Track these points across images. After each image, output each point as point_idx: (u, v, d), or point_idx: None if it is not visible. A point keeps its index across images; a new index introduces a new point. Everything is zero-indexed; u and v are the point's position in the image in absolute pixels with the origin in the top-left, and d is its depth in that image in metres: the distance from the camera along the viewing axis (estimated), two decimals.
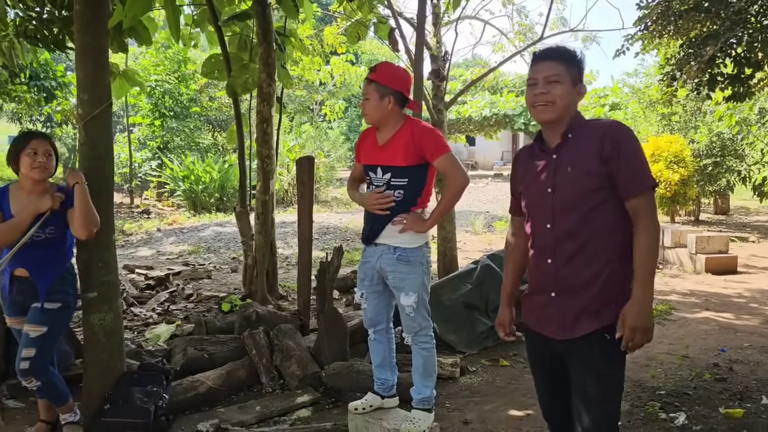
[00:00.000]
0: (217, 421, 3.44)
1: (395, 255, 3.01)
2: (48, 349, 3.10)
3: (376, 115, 3.01)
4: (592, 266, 2.04)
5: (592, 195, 2.03)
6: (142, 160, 17.84)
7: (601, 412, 2.06)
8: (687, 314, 5.99)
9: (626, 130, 2.06)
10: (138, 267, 7.98)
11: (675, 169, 11.62)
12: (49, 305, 3.06)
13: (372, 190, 3.08)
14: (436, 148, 2.95)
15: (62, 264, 3.15)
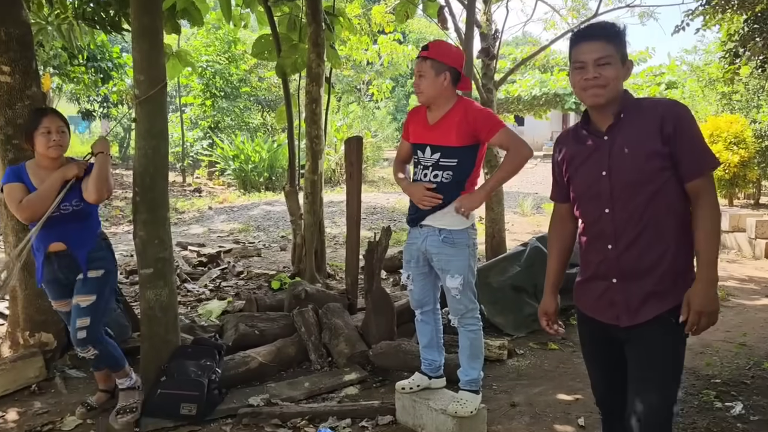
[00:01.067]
0: (267, 396, 3.52)
1: (440, 237, 2.99)
2: (101, 316, 3.19)
3: (431, 93, 2.96)
4: (655, 249, 1.98)
5: (653, 176, 1.96)
6: (194, 140, 18.21)
7: (660, 398, 2.00)
8: (745, 301, 5.79)
9: (686, 109, 1.99)
10: (190, 244, 8.18)
11: (735, 151, 11.17)
12: (92, 274, 3.15)
13: (420, 171, 3.04)
14: (492, 126, 2.91)
15: (95, 232, 3.22)
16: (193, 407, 3.25)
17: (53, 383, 3.77)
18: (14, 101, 3.73)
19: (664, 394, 2.01)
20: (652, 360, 2.01)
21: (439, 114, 2.99)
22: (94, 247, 3.18)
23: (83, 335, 3.11)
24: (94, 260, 3.17)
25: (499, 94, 20.17)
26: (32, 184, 3.07)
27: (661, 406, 2.00)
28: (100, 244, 3.23)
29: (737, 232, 8.33)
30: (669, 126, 1.92)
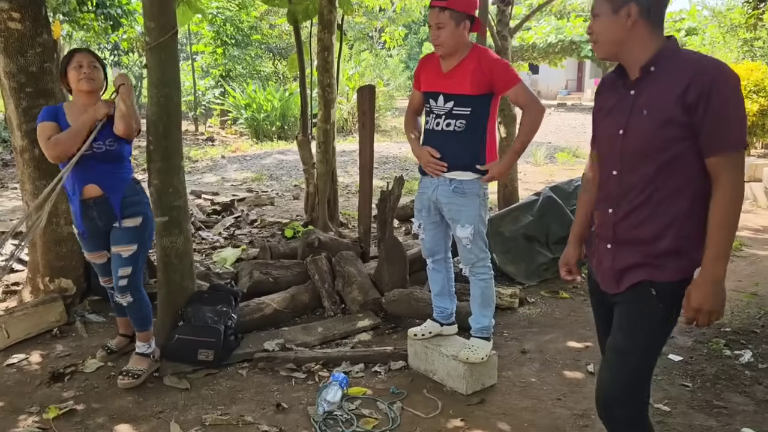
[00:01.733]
0: (282, 341, 3.60)
1: (451, 187, 2.99)
2: (141, 263, 3.24)
3: (452, 44, 2.89)
4: (654, 223, 1.82)
5: (667, 145, 1.77)
6: (206, 88, 18.07)
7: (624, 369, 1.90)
8: (758, 251, 5.77)
9: (724, 75, 1.70)
10: (204, 193, 8.23)
11: (754, 99, 10.95)
12: (130, 222, 3.16)
13: (432, 120, 3.03)
14: (509, 79, 2.88)
15: (128, 175, 3.22)
16: (210, 353, 3.34)
17: (74, 327, 3.88)
18: (25, 49, 3.71)
19: (629, 365, 1.89)
20: (623, 327, 1.91)
21: (454, 62, 2.94)
22: (128, 193, 3.17)
23: (124, 283, 3.19)
24: (130, 206, 3.17)
25: (513, 41, 19.78)
26: (67, 123, 3.08)
27: (623, 376, 1.89)
28: (134, 188, 3.22)
29: (753, 181, 8.24)
30: (693, 93, 1.70)
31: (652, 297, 1.82)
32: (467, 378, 3.08)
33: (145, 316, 3.31)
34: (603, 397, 1.93)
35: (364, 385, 3.20)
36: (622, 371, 1.89)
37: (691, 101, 1.70)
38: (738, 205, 1.75)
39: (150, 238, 3.31)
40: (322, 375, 3.29)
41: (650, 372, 1.92)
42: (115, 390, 3.15)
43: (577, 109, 23.12)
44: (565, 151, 12.50)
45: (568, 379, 3.28)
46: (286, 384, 3.23)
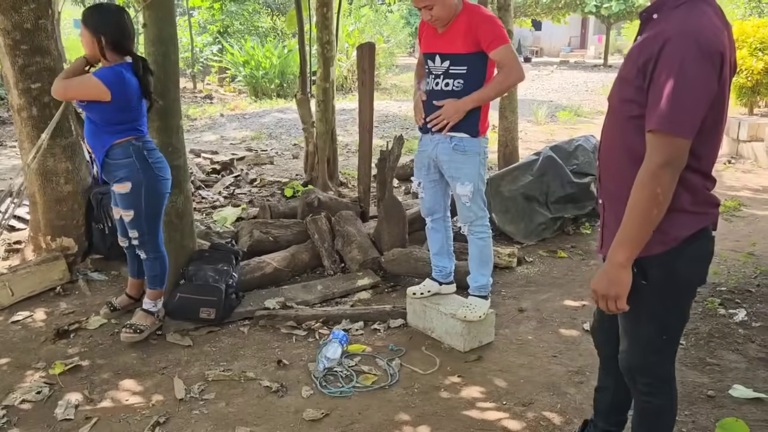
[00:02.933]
0: (282, 299, 3.64)
1: (451, 144, 3.00)
2: (149, 227, 3.20)
3: (446, 14, 2.88)
4: (622, 188, 1.72)
5: (623, 105, 1.70)
6: (203, 45, 17.80)
7: (628, 347, 1.87)
8: (757, 211, 5.79)
9: (681, 40, 1.54)
10: (203, 151, 8.20)
11: (759, 57, 10.80)
12: (118, 188, 3.11)
13: (432, 81, 3.03)
14: (494, 38, 2.85)
15: (107, 138, 3.05)
16: (212, 311, 3.38)
17: (77, 285, 3.92)
18: (19, 4, 3.64)
19: (638, 339, 1.85)
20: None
21: (449, 18, 2.93)
22: (112, 156, 3.07)
23: (136, 243, 3.23)
24: (115, 170, 3.09)
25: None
26: None
27: (637, 349, 1.86)
28: (120, 152, 3.06)
29: (755, 141, 8.20)
30: (646, 55, 1.60)
31: (634, 274, 1.72)
32: (465, 336, 3.13)
33: (158, 275, 3.33)
34: (624, 366, 1.92)
35: (363, 342, 3.26)
36: (634, 344, 1.87)
37: (641, 62, 1.62)
38: (655, 193, 1.60)
39: (153, 203, 3.18)
40: (322, 332, 3.34)
41: (666, 342, 1.84)
42: (119, 346, 3.20)
43: (579, 67, 22.84)
44: (566, 110, 12.40)
45: (564, 337, 3.34)
46: (287, 341, 3.29)
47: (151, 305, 3.34)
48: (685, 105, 1.55)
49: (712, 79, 1.56)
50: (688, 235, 1.70)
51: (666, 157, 1.58)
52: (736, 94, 11.48)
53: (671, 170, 1.59)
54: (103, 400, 2.76)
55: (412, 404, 2.72)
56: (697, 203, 1.71)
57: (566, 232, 5.06)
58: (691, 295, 1.83)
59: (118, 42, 3.00)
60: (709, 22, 1.59)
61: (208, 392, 2.81)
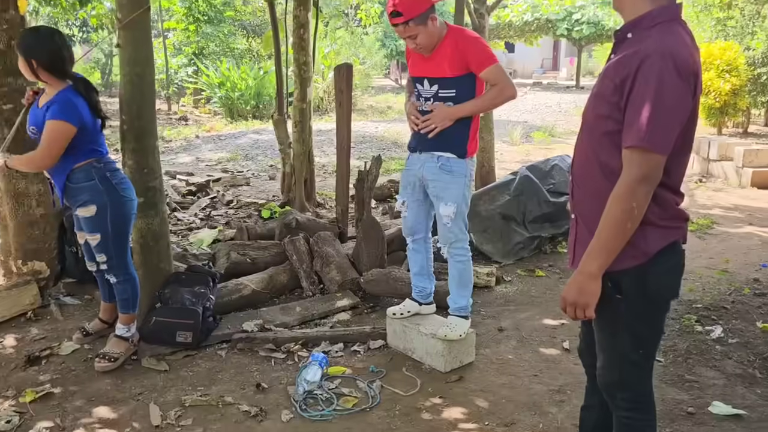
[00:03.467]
0: (261, 322, 3.59)
1: (438, 164, 3.01)
2: (117, 250, 3.13)
3: (430, 41, 2.89)
4: (593, 202, 1.76)
5: (599, 122, 1.73)
6: (178, 66, 17.76)
7: (604, 362, 1.88)
8: (729, 228, 5.90)
9: (658, 62, 1.57)
10: (179, 173, 8.13)
11: (726, 79, 11.09)
12: (83, 212, 3.04)
13: (422, 104, 3.04)
14: (483, 59, 2.87)
15: (66, 163, 2.97)
16: (189, 335, 3.32)
17: (48, 310, 3.82)
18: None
19: (615, 354, 1.85)
20: (595, 321, 1.86)
21: (433, 44, 2.94)
22: (75, 180, 3.00)
23: (104, 267, 3.16)
24: (78, 194, 3.02)
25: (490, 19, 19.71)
26: None
27: (614, 364, 1.86)
28: (82, 175, 3.00)
29: (725, 161, 8.38)
30: (624, 73, 1.62)
31: (608, 288, 1.74)
32: (445, 356, 3.11)
33: (129, 299, 3.25)
34: (602, 382, 1.93)
35: (343, 364, 3.22)
36: (612, 359, 1.88)
37: (620, 80, 1.64)
38: (630, 207, 1.63)
39: (120, 224, 3.11)
40: (301, 355, 3.30)
41: (643, 356, 1.85)
42: (92, 373, 3.12)
43: (552, 88, 23.21)
44: (541, 130, 12.58)
45: (545, 356, 3.34)
46: (266, 364, 3.23)
47: (124, 330, 3.26)
48: (661, 122, 1.58)
49: (687, 97, 1.61)
50: (660, 249, 1.73)
51: (642, 172, 1.61)
52: (705, 114, 11.76)
53: (647, 185, 1.62)
54: (75, 429, 2.67)
55: (393, 427, 2.68)
56: (668, 218, 1.74)
57: (544, 251, 5.09)
58: (665, 308, 1.85)
59: (51, 64, 2.93)
60: (683, 42, 1.64)
61: (185, 418, 2.74)
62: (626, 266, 1.73)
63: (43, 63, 2.92)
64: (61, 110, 2.88)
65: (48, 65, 2.93)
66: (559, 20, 22.01)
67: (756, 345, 3.41)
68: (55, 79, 2.97)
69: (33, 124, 3.00)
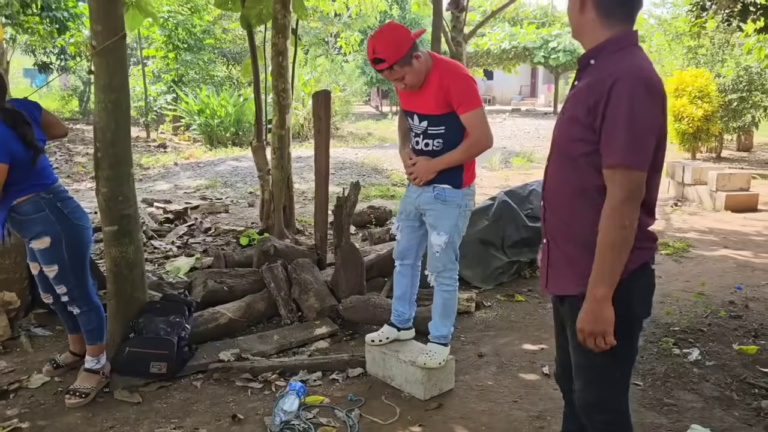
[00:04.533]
0: (237, 351, 3.53)
1: (434, 193, 3.02)
2: (77, 280, 3.06)
3: (419, 78, 2.89)
4: (570, 224, 1.83)
5: (573, 144, 1.76)
6: (157, 94, 17.72)
7: (583, 384, 1.90)
8: (704, 252, 5.97)
9: (629, 79, 1.62)
10: (156, 201, 8.05)
11: (699, 105, 11.34)
12: (37, 244, 2.95)
13: (413, 138, 3.07)
14: (464, 101, 2.86)
15: (6, 199, 2.88)
16: (163, 366, 3.25)
17: (18, 342, 3.73)
18: None
19: (591, 375, 1.88)
20: (572, 344, 1.90)
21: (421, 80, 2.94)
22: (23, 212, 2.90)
23: (66, 299, 3.08)
24: (28, 226, 2.94)
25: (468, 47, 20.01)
26: None
27: (591, 385, 1.88)
28: (31, 207, 2.91)
29: (699, 185, 8.52)
30: (596, 95, 1.66)
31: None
32: (425, 383, 3.08)
33: (95, 329, 3.17)
34: (580, 404, 1.93)
35: (321, 393, 3.17)
36: (589, 380, 1.89)
37: (592, 103, 1.67)
38: (622, 226, 1.66)
39: (76, 254, 3.04)
40: (278, 384, 3.24)
41: (620, 376, 1.87)
42: (62, 406, 3.03)
43: (531, 115, 23.53)
44: (519, 156, 12.71)
45: (524, 382, 3.31)
46: (242, 394, 3.17)
47: (94, 362, 3.17)
48: (639, 140, 1.63)
49: (659, 115, 1.66)
50: (635, 269, 1.76)
51: (627, 191, 1.65)
52: (679, 140, 11.99)
53: (633, 201, 1.67)
54: None
55: None
56: (642, 238, 1.76)
57: (523, 276, 5.10)
58: (639, 327, 1.86)
59: None
60: (650, 65, 1.71)
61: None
62: None
63: None
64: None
65: None
66: (536, 48, 22.43)
67: (733, 367, 3.43)
68: None
69: None
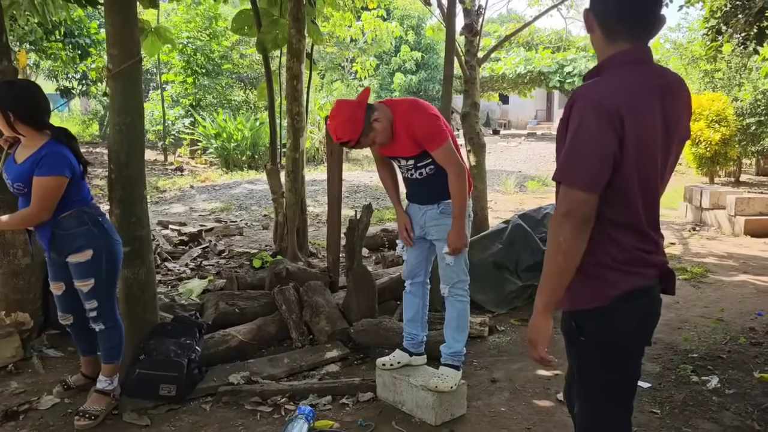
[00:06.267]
0: (247, 374, 3.50)
1: (439, 209, 3.08)
2: (108, 294, 3.10)
3: (388, 134, 2.98)
4: None
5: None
6: (175, 118, 17.96)
7: (581, 406, 1.88)
8: (723, 277, 5.86)
9: (580, 104, 1.64)
10: (171, 223, 8.10)
11: (716, 129, 11.25)
12: (77, 257, 2.99)
13: (404, 171, 3.14)
14: (429, 139, 2.94)
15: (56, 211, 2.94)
16: (173, 388, 3.23)
17: (30, 363, 3.73)
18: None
19: (585, 405, 1.86)
20: (569, 356, 1.89)
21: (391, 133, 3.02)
22: (65, 227, 2.97)
23: (94, 315, 3.09)
24: (70, 240, 2.98)
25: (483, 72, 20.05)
26: None
27: (584, 417, 1.87)
28: (73, 222, 2.98)
29: (717, 209, 8.41)
30: (566, 113, 1.69)
31: (572, 329, 1.78)
32: (436, 408, 3.02)
33: (115, 347, 3.18)
34: (579, 430, 1.90)
35: (331, 417, 3.12)
36: (583, 409, 1.86)
37: (565, 120, 1.69)
38: (550, 243, 1.68)
39: (112, 268, 3.11)
40: (288, 408, 3.21)
41: (614, 402, 1.82)
42: (71, 428, 3.01)
43: (546, 138, 23.49)
44: (534, 180, 12.66)
45: (538, 408, 3.25)
46: (251, 418, 3.14)
47: (107, 383, 3.17)
48: (578, 159, 1.62)
49: (607, 136, 1.60)
50: (620, 294, 1.71)
51: (566, 207, 1.64)
52: (697, 163, 11.88)
53: (572, 220, 1.63)
54: None
55: None
56: (628, 263, 1.71)
57: None
58: (631, 355, 1.81)
59: (30, 116, 2.89)
60: (621, 82, 1.65)
61: None
62: (586, 306, 1.74)
63: (20, 115, 2.87)
64: (54, 165, 2.85)
65: (26, 117, 2.88)
66: (551, 73, 22.45)
67: (754, 396, 3.34)
68: (34, 132, 2.93)
69: (18, 181, 2.91)
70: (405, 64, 25.28)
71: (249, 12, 6.15)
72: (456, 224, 3.01)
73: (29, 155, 2.90)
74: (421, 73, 25.45)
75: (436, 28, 8.87)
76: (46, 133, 2.96)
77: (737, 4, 4.68)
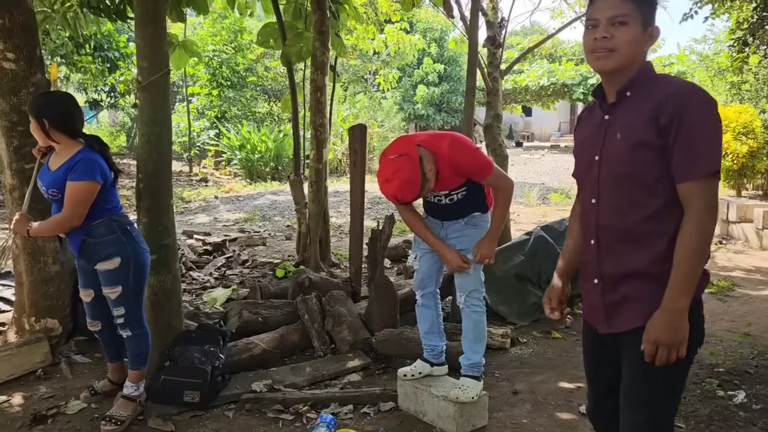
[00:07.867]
0: (270, 382, 3.54)
1: (463, 221, 3.12)
2: (135, 302, 3.15)
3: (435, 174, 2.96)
4: (638, 253, 1.75)
5: (643, 169, 1.70)
6: (201, 130, 18.22)
7: (647, 418, 1.79)
8: (751, 291, 5.77)
9: (698, 95, 1.65)
10: (196, 233, 8.21)
11: (743, 141, 11.08)
12: (106, 265, 3.05)
13: (433, 198, 3.15)
14: (480, 171, 3.01)
15: (83, 224, 3.00)
16: (197, 395, 3.27)
17: (58, 368, 3.80)
18: (19, 88, 3.73)
19: (652, 415, 1.79)
20: (635, 375, 1.80)
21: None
22: (96, 234, 3.03)
23: (121, 321, 3.15)
24: (100, 248, 3.05)
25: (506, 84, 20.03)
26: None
27: (648, 422, 1.79)
28: (103, 230, 3.04)
29: (744, 222, 8.28)
30: (667, 113, 1.64)
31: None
32: (457, 419, 3.02)
33: (142, 354, 3.23)
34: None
35: (352, 426, 3.14)
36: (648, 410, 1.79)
37: (665, 121, 1.65)
38: (706, 234, 1.66)
39: (139, 276, 3.17)
40: (309, 416, 3.23)
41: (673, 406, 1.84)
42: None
43: (569, 151, 23.30)
44: (557, 192, 12.58)
45: (560, 421, 3.22)
46: (273, 426, 3.16)
47: (133, 389, 3.22)
48: (717, 146, 1.68)
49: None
50: (703, 290, 1.76)
51: (711, 200, 1.66)
52: (723, 176, 11.70)
53: (715, 212, 1.68)
54: None
55: None
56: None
57: None
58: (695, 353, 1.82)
59: (64, 124, 3.00)
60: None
61: None
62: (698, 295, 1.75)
63: (55, 123, 2.98)
64: (87, 170, 2.94)
65: (61, 125, 3.00)
66: (575, 85, 22.33)
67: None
68: (68, 139, 3.03)
69: (52, 187, 3.00)
70: (428, 76, 25.37)
71: (274, 25, 6.25)
72: (492, 234, 3.08)
73: (63, 162, 3.00)
74: (443, 85, 25.51)
75: (459, 41, 8.91)
76: (79, 141, 3.06)
77: (764, 15, 4.64)
